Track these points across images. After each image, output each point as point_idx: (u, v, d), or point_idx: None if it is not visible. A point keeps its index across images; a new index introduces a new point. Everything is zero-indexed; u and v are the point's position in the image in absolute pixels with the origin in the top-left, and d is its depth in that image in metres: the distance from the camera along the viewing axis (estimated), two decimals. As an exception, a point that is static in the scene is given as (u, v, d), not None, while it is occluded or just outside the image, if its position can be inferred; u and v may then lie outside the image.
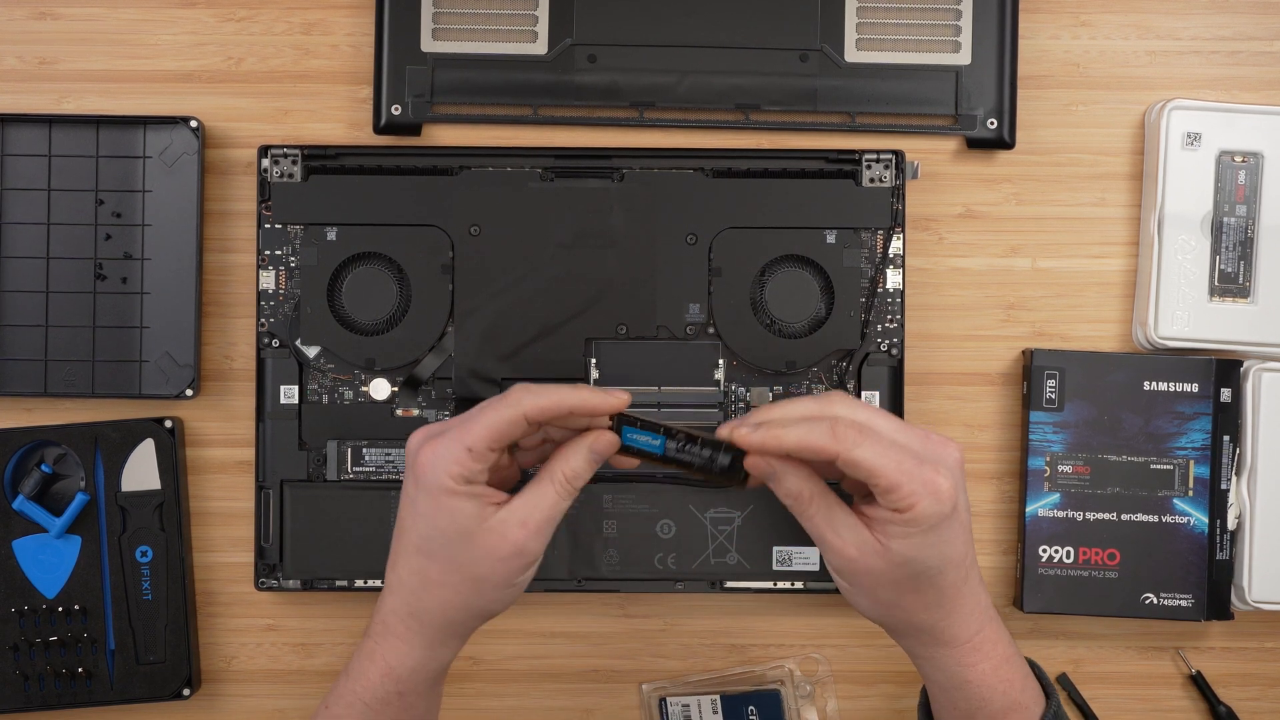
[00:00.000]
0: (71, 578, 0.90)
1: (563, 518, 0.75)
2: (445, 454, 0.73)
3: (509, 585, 0.75)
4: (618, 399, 0.74)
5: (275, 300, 0.90)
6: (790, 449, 0.73)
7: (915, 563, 0.74)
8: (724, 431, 0.74)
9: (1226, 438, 0.90)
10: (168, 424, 0.90)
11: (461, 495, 0.73)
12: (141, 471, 0.90)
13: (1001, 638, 0.77)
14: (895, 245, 0.90)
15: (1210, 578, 0.90)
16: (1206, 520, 0.90)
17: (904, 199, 0.90)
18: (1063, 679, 0.93)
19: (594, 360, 0.89)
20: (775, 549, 0.89)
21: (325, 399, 0.90)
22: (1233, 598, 0.90)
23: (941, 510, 0.73)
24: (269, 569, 0.89)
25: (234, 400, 0.92)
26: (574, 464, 0.74)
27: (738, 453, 0.74)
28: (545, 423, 0.74)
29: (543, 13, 0.90)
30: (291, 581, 0.89)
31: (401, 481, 0.84)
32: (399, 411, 0.89)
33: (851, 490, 0.77)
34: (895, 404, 0.90)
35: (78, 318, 0.90)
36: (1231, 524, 0.90)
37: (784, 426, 0.73)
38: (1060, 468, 0.90)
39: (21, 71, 0.91)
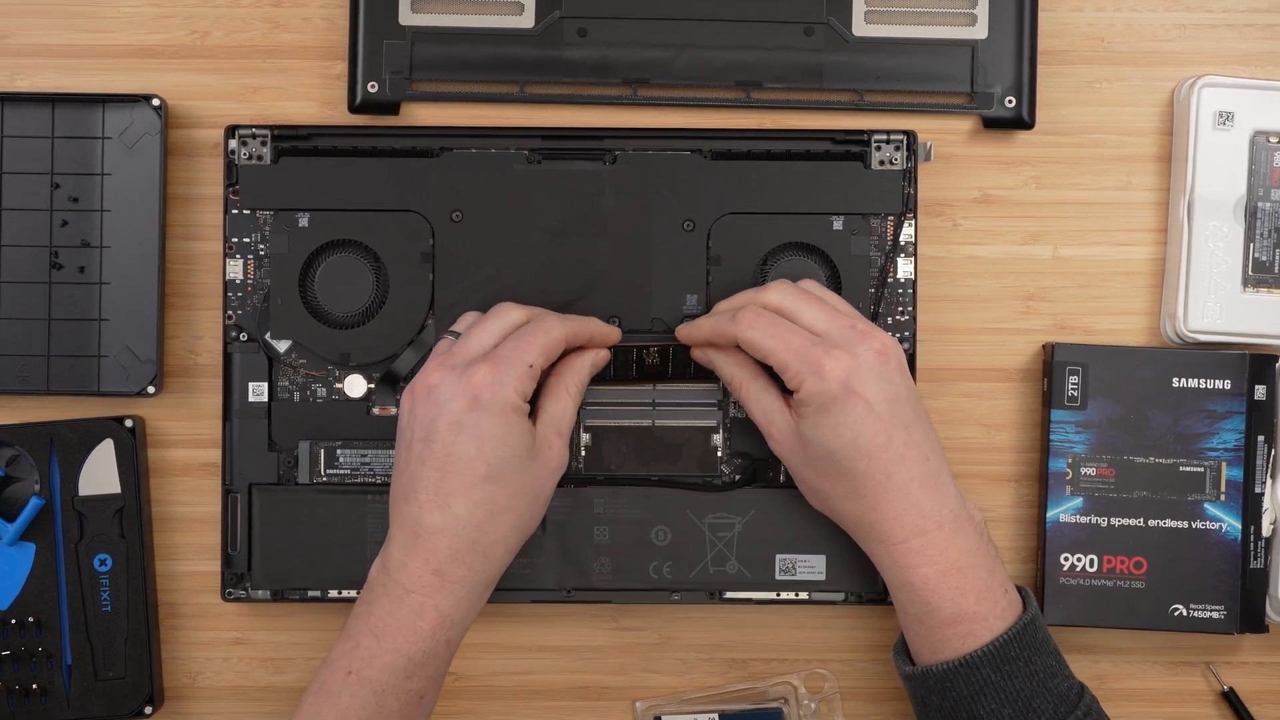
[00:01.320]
0: (25, 588, 0.89)
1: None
2: (510, 372, 0.79)
3: (549, 499, 0.82)
4: (617, 332, 0.86)
5: (243, 291, 0.89)
6: (706, 337, 0.83)
7: (817, 444, 0.80)
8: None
9: (1261, 438, 0.90)
10: (128, 423, 0.90)
11: (524, 412, 0.79)
12: (100, 474, 0.90)
13: (954, 545, 0.80)
14: (906, 232, 0.89)
15: (1243, 588, 0.90)
16: (1239, 526, 0.90)
17: (916, 182, 0.89)
18: (1086, 696, 0.91)
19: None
20: (778, 557, 0.89)
21: (297, 397, 0.89)
22: (1268, 609, 0.90)
23: (827, 389, 0.79)
24: (236, 578, 0.89)
25: (199, 398, 0.92)
26: (583, 375, 0.83)
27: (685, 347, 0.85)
28: (569, 346, 0.83)
29: (530, -17, 0.90)
30: (260, 592, 0.89)
31: (386, 482, 0.86)
32: (375, 410, 0.89)
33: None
34: (906, 401, 0.89)
35: (32, 309, 0.90)
36: (1266, 530, 0.90)
37: (710, 317, 0.83)
38: (1083, 470, 0.90)
39: (-29, 46, 0.91)
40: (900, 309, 0.90)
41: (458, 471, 0.79)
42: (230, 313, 0.89)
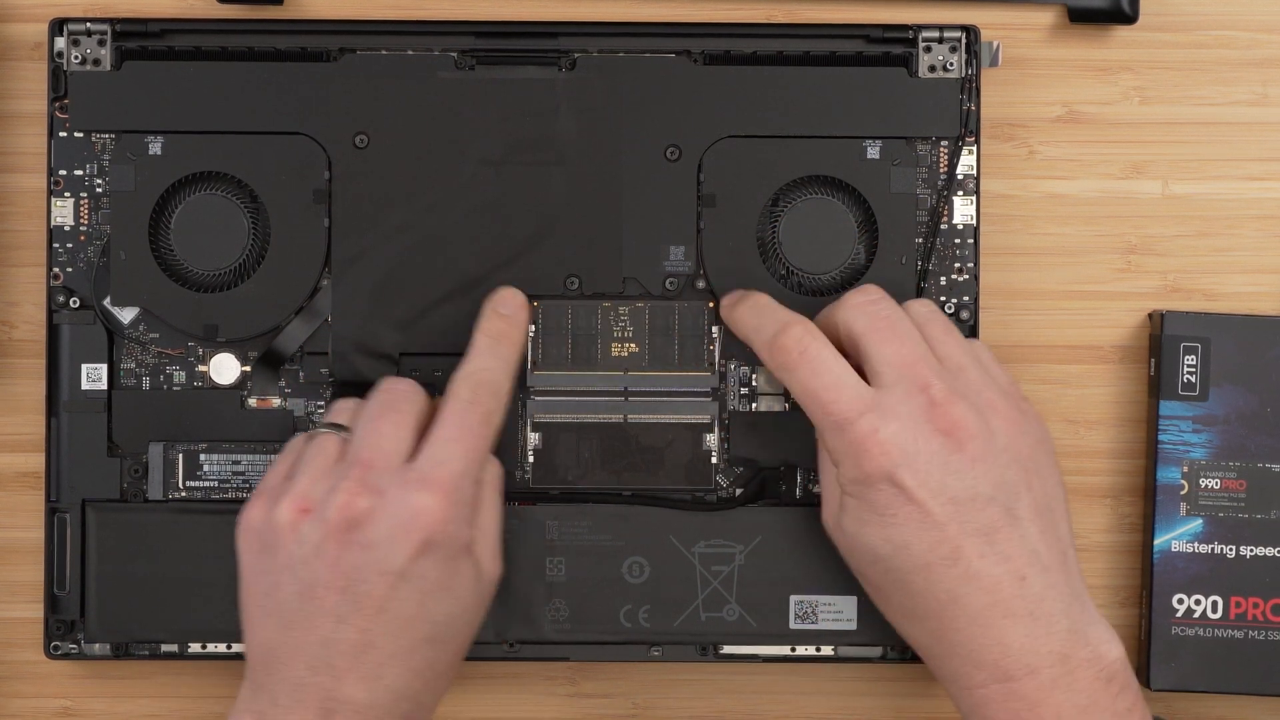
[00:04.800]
0: None
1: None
2: (462, 500, 0.80)
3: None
4: (525, 312, 0.87)
5: (74, 241, 0.89)
6: (740, 336, 0.85)
7: (862, 546, 0.81)
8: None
9: None
10: (-81, 419, 0.89)
11: (472, 547, 0.81)
12: (-121, 488, 0.90)
13: (1052, 699, 0.79)
14: (966, 162, 0.89)
15: None
16: None
17: (979, 96, 0.89)
18: (1205, 783, 0.93)
19: (532, 329, 0.89)
20: (794, 599, 0.89)
21: (146, 384, 0.89)
22: None
23: (865, 475, 0.79)
24: (65, 627, 0.88)
25: (14, 385, 0.91)
26: (497, 462, 0.84)
27: None
28: None
29: None
30: (97, 645, 0.88)
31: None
32: (252, 401, 0.89)
33: None
34: (965, 389, 0.90)
35: None
36: None
37: (761, 309, 0.85)
38: (1203, 482, 0.90)
39: None
40: (957, 266, 0.89)
41: (393, 634, 0.79)
42: (57, 270, 0.89)
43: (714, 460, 0.88)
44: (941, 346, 0.82)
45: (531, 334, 0.88)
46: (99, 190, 0.88)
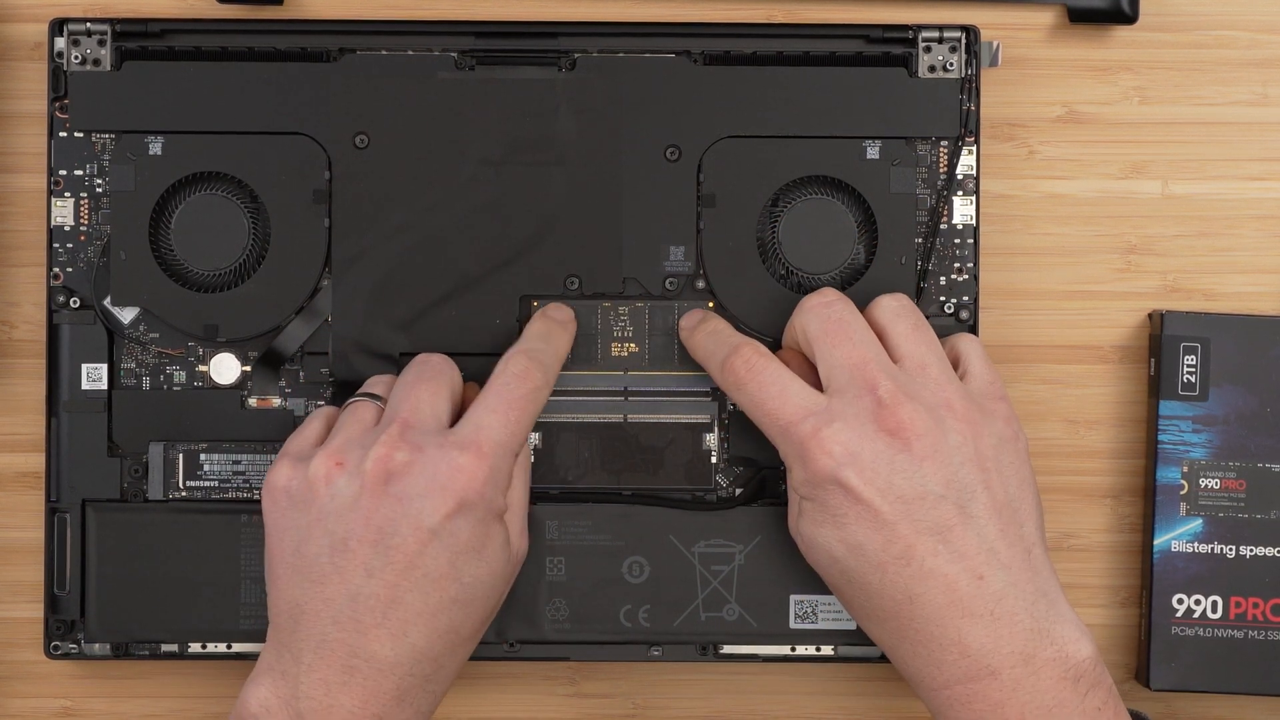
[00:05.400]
0: None
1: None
2: (502, 467, 0.81)
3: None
4: (574, 320, 0.87)
5: (74, 241, 0.89)
6: (697, 360, 0.86)
7: (817, 549, 0.82)
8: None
9: None
10: (-81, 419, 0.89)
11: (503, 515, 0.82)
12: (-120, 488, 0.90)
13: (1015, 699, 0.78)
14: (966, 162, 0.89)
15: None
16: None
17: (978, 95, 0.89)
18: (1205, 784, 0.92)
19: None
20: (794, 598, 0.89)
21: (146, 384, 0.89)
22: None
23: (811, 480, 0.80)
24: (65, 627, 0.88)
25: (14, 385, 0.91)
26: (529, 446, 0.85)
27: None
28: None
29: None
30: (97, 646, 0.88)
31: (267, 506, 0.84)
32: (252, 401, 0.89)
33: None
34: (965, 389, 0.89)
35: None
36: None
37: (711, 331, 0.86)
38: (1203, 482, 0.90)
39: None
40: (956, 266, 0.89)
41: (422, 591, 0.79)
42: (57, 270, 0.89)
43: (714, 460, 0.88)
44: (905, 344, 0.83)
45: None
46: (99, 190, 0.88)
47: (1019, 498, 0.81)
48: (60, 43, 0.87)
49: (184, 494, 0.88)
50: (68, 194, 0.88)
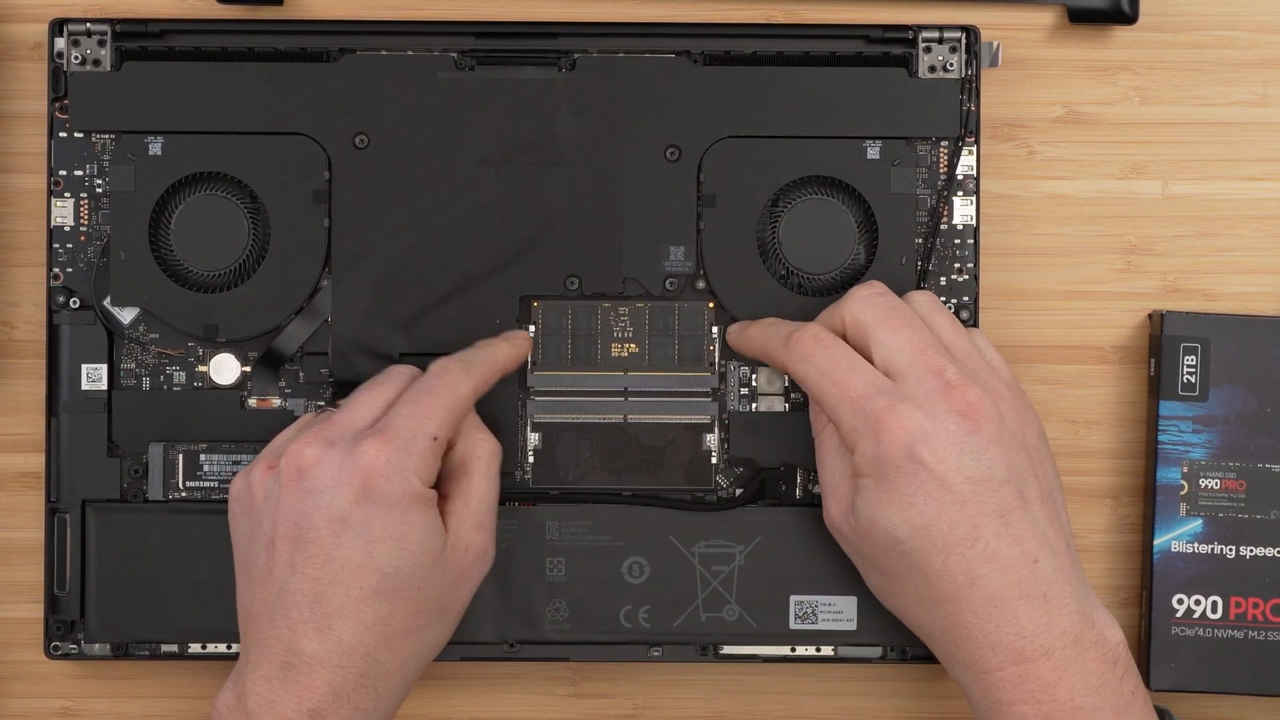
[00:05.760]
0: None
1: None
2: (409, 449, 0.80)
3: (462, 611, 0.84)
4: (526, 340, 0.88)
5: (74, 242, 0.89)
6: (756, 352, 0.86)
7: (879, 530, 0.81)
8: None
9: None
10: (-81, 419, 0.89)
11: (429, 503, 0.81)
12: (-120, 488, 0.90)
13: (1066, 679, 0.79)
14: (966, 162, 0.89)
15: None
16: None
17: (979, 96, 0.89)
18: (1206, 785, 0.92)
19: (532, 328, 0.89)
20: (793, 599, 0.89)
21: (146, 384, 0.89)
22: None
23: (885, 455, 0.80)
24: (65, 628, 0.89)
25: (14, 385, 0.91)
26: (493, 440, 0.84)
27: None
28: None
29: None
30: (97, 646, 0.89)
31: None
32: (252, 402, 0.89)
33: None
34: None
35: None
36: None
37: (763, 325, 0.86)
38: (1203, 483, 0.90)
39: None
40: (957, 266, 0.89)
41: (342, 583, 0.79)
42: (57, 271, 0.89)
43: (714, 460, 0.88)
44: (949, 335, 0.83)
45: (531, 333, 0.88)
46: (99, 190, 0.88)
47: (1055, 488, 0.82)
48: (60, 43, 0.87)
49: (184, 494, 0.88)
50: (68, 194, 0.88)
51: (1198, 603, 0.89)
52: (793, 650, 0.88)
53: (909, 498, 0.80)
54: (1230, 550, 0.89)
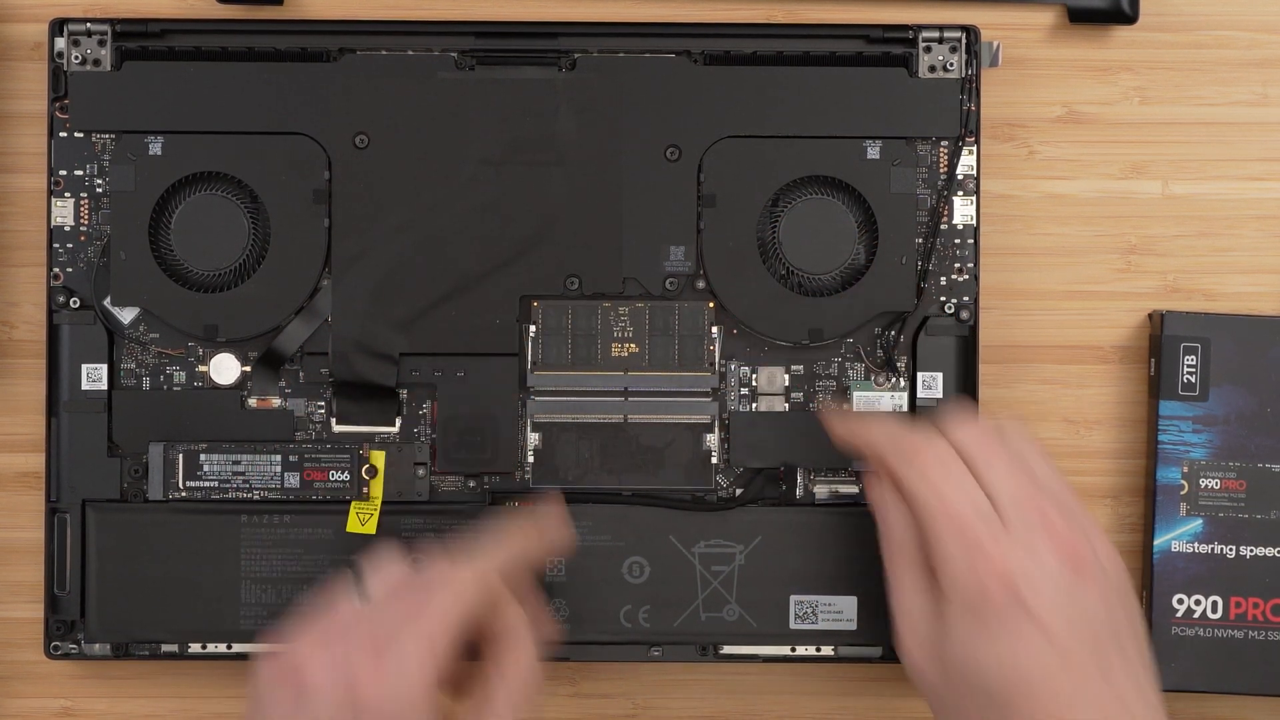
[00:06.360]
0: None
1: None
2: (410, 662, 0.76)
3: None
4: (561, 527, 0.86)
5: (74, 242, 0.89)
6: (861, 446, 0.84)
7: (965, 666, 0.78)
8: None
9: None
10: (-81, 419, 0.89)
11: (431, 708, 0.76)
12: (-119, 488, 0.90)
13: None
14: (966, 162, 0.89)
15: None
16: None
17: (979, 96, 0.89)
18: (1206, 786, 0.91)
19: (532, 329, 0.89)
20: (794, 599, 0.89)
21: (146, 384, 0.89)
22: None
23: (981, 585, 0.77)
24: (65, 627, 0.89)
25: (14, 385, 0.91)
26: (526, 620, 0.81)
27: None
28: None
29: None
30: (98, 646, 0.89)
31: (266, 498, 0.87)
32: (252, 401, 0.89)
33: None
34: (965, 389, 0.90)
35: None
36: None
37: (882, 427, 0.84)
38: (1203, 482, 0.90)
39: None
40: (957, 266, 0.89)
41: None
42: (57, 271, 0.89)
43: (714, 460, 0.88)
44: (1041, 472, 0.82)
45: (532, 333, 0.87)
46: (99, 190, 0.88)
47: (1146, 644, 0.80)
48: (60, 43, 0.87)
49: (184, 494, 0.87)
50: (68, 194, 0.88)
51: (1198, 603, 0.89)
52: (793, 650, 0.88)
53: (1005, 637, 0.77)
54: (1230, 550, 0.89)
